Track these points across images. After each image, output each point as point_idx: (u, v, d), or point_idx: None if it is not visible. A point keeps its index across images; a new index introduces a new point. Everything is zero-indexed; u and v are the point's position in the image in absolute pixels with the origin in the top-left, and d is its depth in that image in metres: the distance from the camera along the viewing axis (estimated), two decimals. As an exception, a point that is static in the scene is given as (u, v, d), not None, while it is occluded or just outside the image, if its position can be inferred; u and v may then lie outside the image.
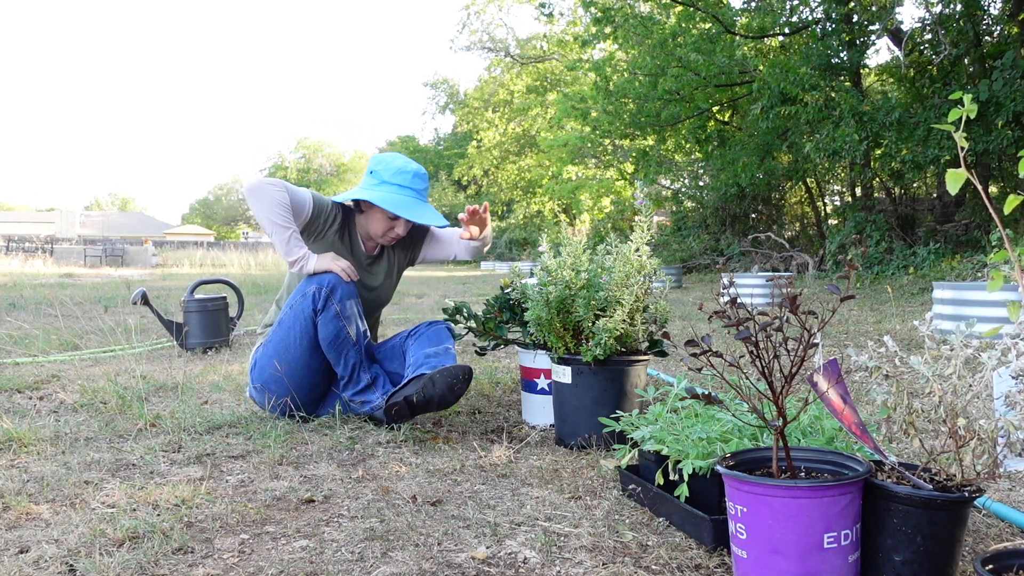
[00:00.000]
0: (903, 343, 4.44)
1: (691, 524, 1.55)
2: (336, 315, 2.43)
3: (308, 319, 2.45)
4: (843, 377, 1.31)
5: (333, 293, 2.43)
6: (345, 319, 2.45)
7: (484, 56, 34.57)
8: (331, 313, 2.43)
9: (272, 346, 2.50)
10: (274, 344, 2.49)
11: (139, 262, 24.37)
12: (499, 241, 29.80)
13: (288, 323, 2.48)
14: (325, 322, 2.44)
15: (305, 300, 2.44)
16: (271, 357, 2.48)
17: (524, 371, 2.58)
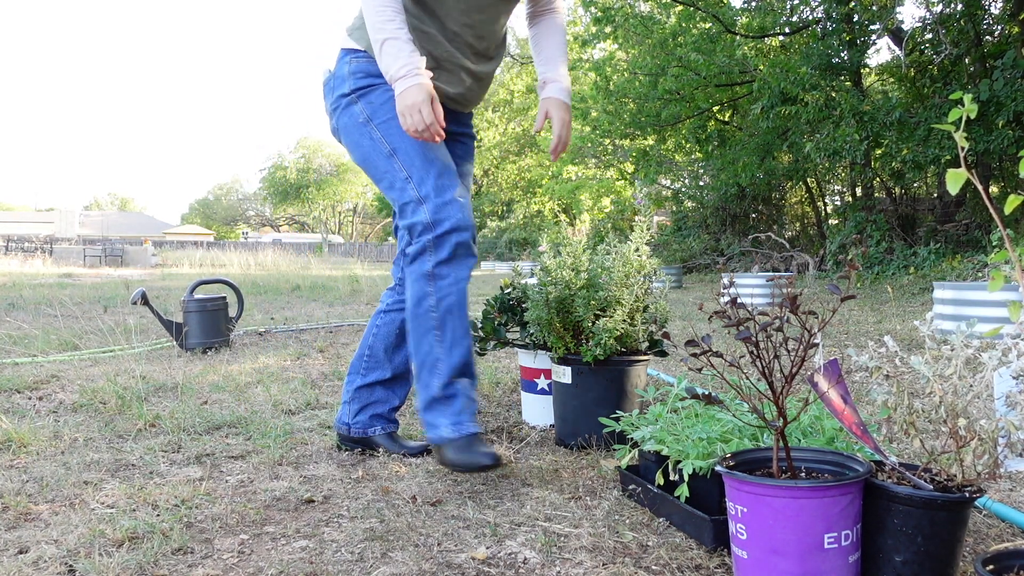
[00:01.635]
0: (904, 343, 4.44)
1: (691, 524, 1.55)
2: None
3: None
4: (843, 377, 1.30)
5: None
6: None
7: (484, 56, 34.56)
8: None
9: None
10: None
11: (139, 262, 24.37)
12: (499, 241, 29.80)
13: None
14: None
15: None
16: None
17: (524, 371, 2.58)
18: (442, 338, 1.88)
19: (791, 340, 1.30)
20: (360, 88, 1.95)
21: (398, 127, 1.88)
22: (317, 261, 19.51)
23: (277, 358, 4.07)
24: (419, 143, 1.88)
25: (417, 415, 2.08)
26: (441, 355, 1.88)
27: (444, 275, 1.87)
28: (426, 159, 1.88)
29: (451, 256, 1.87)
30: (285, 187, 52.11)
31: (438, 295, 1.87)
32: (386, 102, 1.92)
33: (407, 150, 1.89)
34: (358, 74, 1.96)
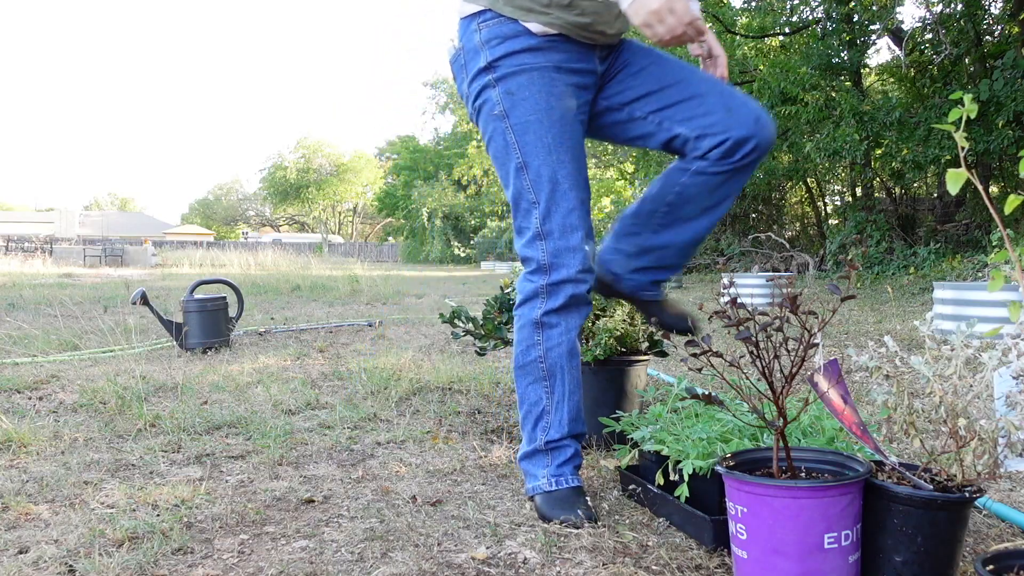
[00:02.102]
0: (904, 343, 4.44)
1: (691, 524, 1.55)
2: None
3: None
4: (843, 377, 1.30)
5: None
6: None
7: (484, 56, 34.58)
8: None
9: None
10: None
11: (138, 262, 24.37)
12: (499, 241, 29.79)
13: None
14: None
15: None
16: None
17: (524, 371, 2.58)
18: (551, 391, 1.72)
19: (791, 340, 1.30)
20: (498, 58, 1.63)
21: (535, 134, 1.63)
22: (317, 261, 19.51)
23: (277, 358, 4.07)
24: (555, 162, 1.63)
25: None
26: (550, 408, 1.72)
27: (554, 324, 1.70)
28: (557, 187, 1.63)
29: (564, 306, 1.69)
30: (285, 187, 52.11)
31: (547, 345, 1.71)
32: (528, 93, 1.63)
33: (539, 170, 1.64)
34: (492, 41, 1.64)
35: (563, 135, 1.64)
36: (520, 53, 1.62)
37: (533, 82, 1.63)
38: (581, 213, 1.66)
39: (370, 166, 51.77)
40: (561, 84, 1.64)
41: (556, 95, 1.64)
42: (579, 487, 1.70)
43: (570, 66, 1.65)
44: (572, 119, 1.66)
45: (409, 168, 38.64)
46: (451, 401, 2.91)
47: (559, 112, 1.64)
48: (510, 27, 1.62)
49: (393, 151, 43.92)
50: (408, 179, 37.83)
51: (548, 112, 1.63)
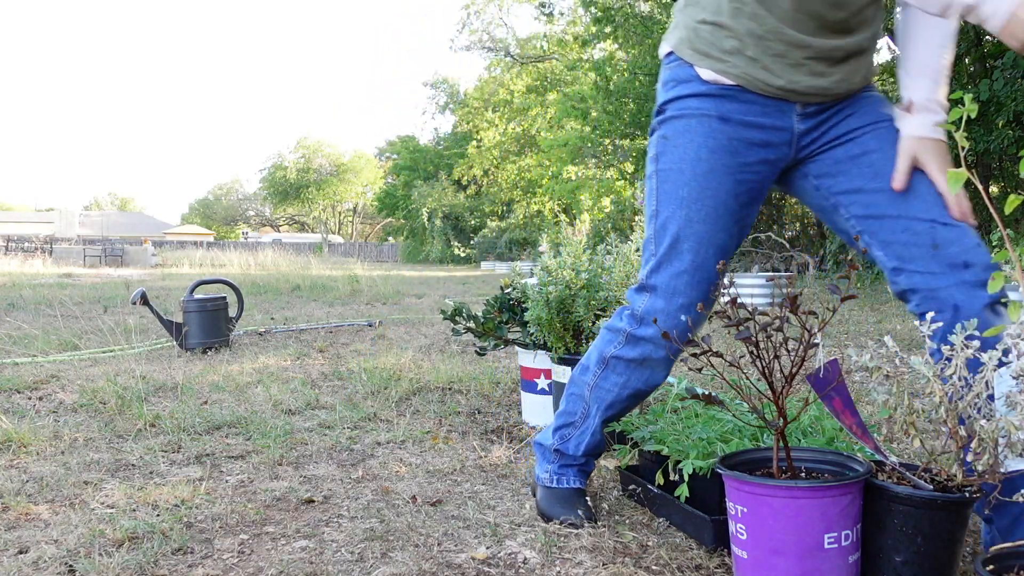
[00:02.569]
0: (904, 343, 4.44)
1: (691, 524, 1.55)
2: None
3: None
4: (843, 377, 1.30)
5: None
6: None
7: (484, 56, 34.59)
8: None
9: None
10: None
11: (138, 262, 24.36)
12: (499, 241, 29.80)
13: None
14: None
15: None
16: None
17: (524, 371, 2.58)
18: (585, 416, 1.69)
19: (791, 340, 1.30)
20: (668, 101, 1.57)
21: (673, 185, 1.53)
22: (317, 261, 19.51)
23: (277, 358, 4.07)
24: (684, 219, 1.52)
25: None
26: (578, 427, 1.70)
27: (618, 372, 1.63)
28: (677, 246, 1.52)
29: (634, 360, 1.61)
30: (285, 187, 52.10)
31: (599, 383, 1.66)
32: (680, 141, 1.53)
33: (666, 223, 1.53)
34: (669, 84, 1.59)
35: (704, 191, 1.50)
36: (686, 98, 1.52)
37: (689, 129, 1.51)
38: (691, 280, 1.53)
39: (370, 166, 51.75)
40: (724, 136, 1.48)
41: (710, 147, 1.49)
42: (580, 489, 1.71)
43: (745, 119, 1.48)
44: (724, 175, 1.49)
45: (409, 168, 38.62)
46: (451, 401, 2.91)
47: (707, 166, 1.49)
48: (686, 71, 1.54)
49: (393, 151, 43.91)
50: (408, 179, 37.83)
51: (694, 164, 1.50)
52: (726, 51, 1.46)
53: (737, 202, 1.52)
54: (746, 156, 1.49)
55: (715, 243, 1.52)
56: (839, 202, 1.50)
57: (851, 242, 1.52)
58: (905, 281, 1.42)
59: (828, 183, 1.51)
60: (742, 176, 1.50)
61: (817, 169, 1.52)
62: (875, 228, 1.45)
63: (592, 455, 1.73)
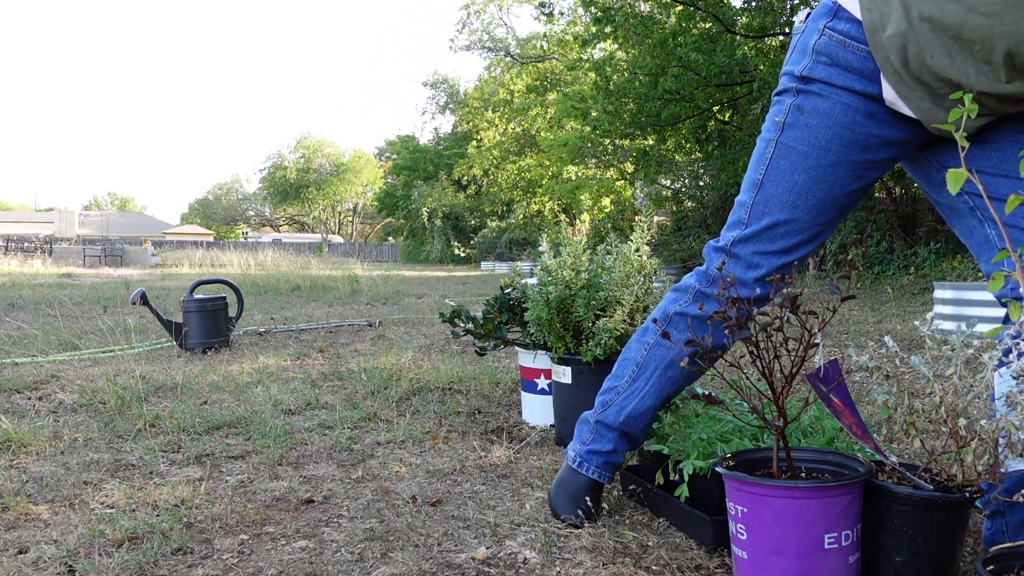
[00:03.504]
0: (904, 343, 4.44)
1: (691, 525, 1.55)
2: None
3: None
4: (844, 377, 1.30)
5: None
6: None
7: (484, 56, 34.60)
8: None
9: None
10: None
11: (138, 262, 24.36)
12: (499, 241, 29.79)
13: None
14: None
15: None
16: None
17: (524, 371, 2.58)
18: (634, 378, 1.63)
19: (791, 340, 1.30)
20: (814, 79, 1.39)
21: (791, 164, 1.43)
22: (317, 261, 19.51)
23: (277, 358, 4.07)
24: (790, 204, 1.45)
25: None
26: (623, 391, 1.65)
27: (680, 329, 1.59)
28: (775, 227, 1.47)
29: (698, 317, 1.57)
30: (285, 187, 52.09)
31: (656, 343, 1.60)
32: (815, 122, 1.40)
33: (767, 202, 1.47)
34: (822, 57, 1.37)
35: (821, 183, 1.42)
36: (839, 89, 1.37)
37: (831, 115, 1.38)
38: (776, 260, 1.50)
39: (370, 166, 51.75)
40: (862, 132, 1.37)
41: (844, 140, 1.38)
42: (595, 482, 1.66)
43: (894, 122, 1.36)
44: (848, 170, 1.41)
45: (409, 168, 38.62)
46: (451, 401, 2.91)
47: (835, 158, 1.40)
48: (856, 59, 1.34)
49: (393, 151, 43.91)
50: (408, 179, 37.83)
51: (821, 153, 1.40)
52: (922, 93, 1.28)
53: (851, 196, 1.45)
54: (877, 153, 1.39)
55: (814, 232, 1.48)
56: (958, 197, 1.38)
57: (949, 216, 1.43)
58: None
59: (944, 158, 1.40)
60: (866, 172, 1.42)
61: (944, 162, 1.41)
62: (997, 208, 1.31)
63: (628, 432, 1.64)
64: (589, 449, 1.67)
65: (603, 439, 1.66)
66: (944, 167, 1.40)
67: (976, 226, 1.38)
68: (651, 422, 1.66)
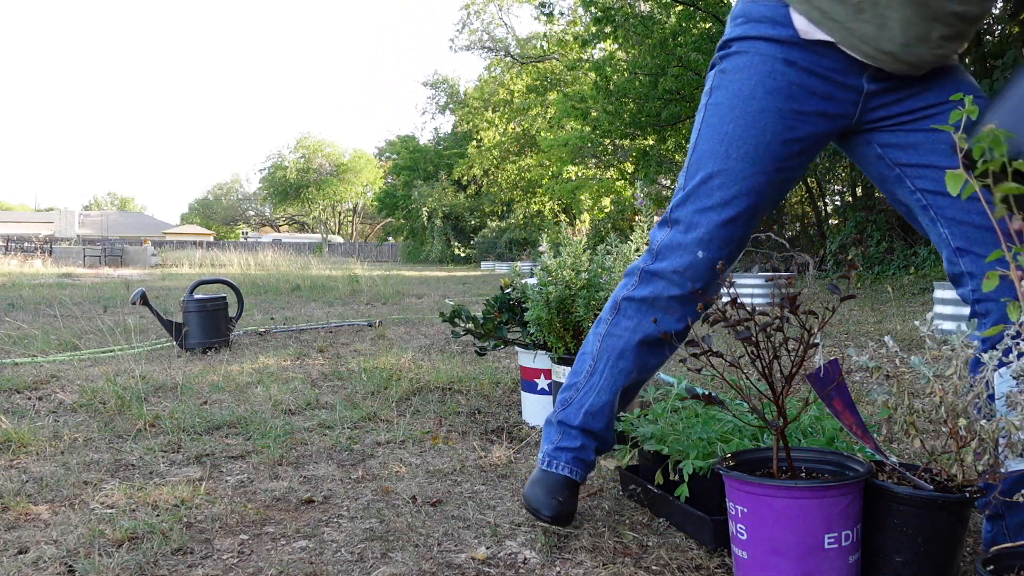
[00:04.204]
0: (904, 343, 4.44)
1: (691, 525, 1.55)
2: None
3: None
4: (844, 377, 1.30)
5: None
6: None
7: (484, 56, 34.59)
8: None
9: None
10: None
11: (138, 262, 24.36)
12: (499, 241, 29.79)
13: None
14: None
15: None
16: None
17: (524, 371, 2.58)
18: (591, 372, 1.60)
19: (791, 340, 1.30)
20: (731, 40, 1.46)
21: (719, 119, 1.45)
22: (317, 261, 19.51)
23: (277, 358, 4.07)
24: (721, 155, 1.45)
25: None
26: (581, 387, 1.62)
27: (628, 315, 1.56)
28: (708, 182, 1.46)
29: (645, 299, 1.54)
30: (285, 187, 52.09)
31: (609, 330, 1.58)
32: (737, 76, 1.43)
33: (702, 157, 1.47)
34: (738, 19, 1.46)
35: (749, 129, 1.42)
36: (755, 40, 1.41)
37: (750, 66, 1.41)
38: (716, 217, 1.46)
39: (370, 166, 51.75)
40: (784, 80, 1.39)
41: (767, 88, 1.40)
42: (569, 479, 1.59)
43: (812, 67, 1.38)
44: (776, 118, 1.41)
45: (409, 168, 38.63)
46: (451, 401, 2.91)
47: (760, 105, 1.40)
48: (766, 8, 1.40)
49: (393, 151, 43.91)
50: (408, 179, 37.83)
51: (746, 101, 1.41)
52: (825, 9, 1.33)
53: (784, 148, 1.42)
54: (804, 104, 1.40)
55: (749, 184, 1.44)
56: (905, 174, 1.43)
57: (907, 214, 1.48)
58: (968, 264, 1.36)
59: (895, 154, 1.43)
60: (795, 123, 1.41)
61: (885, 139, 1.43)
62: (943, 204, 1.38)
63: (590, 430, 1.59)
64: (557, 447, 1.61)
65: (569, 437, 1.61)
66: (897, 164, 1.43)
67: (930, 225, 1.42)
68: (612, 419, 1.61)
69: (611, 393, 1.59)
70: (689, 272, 1.49)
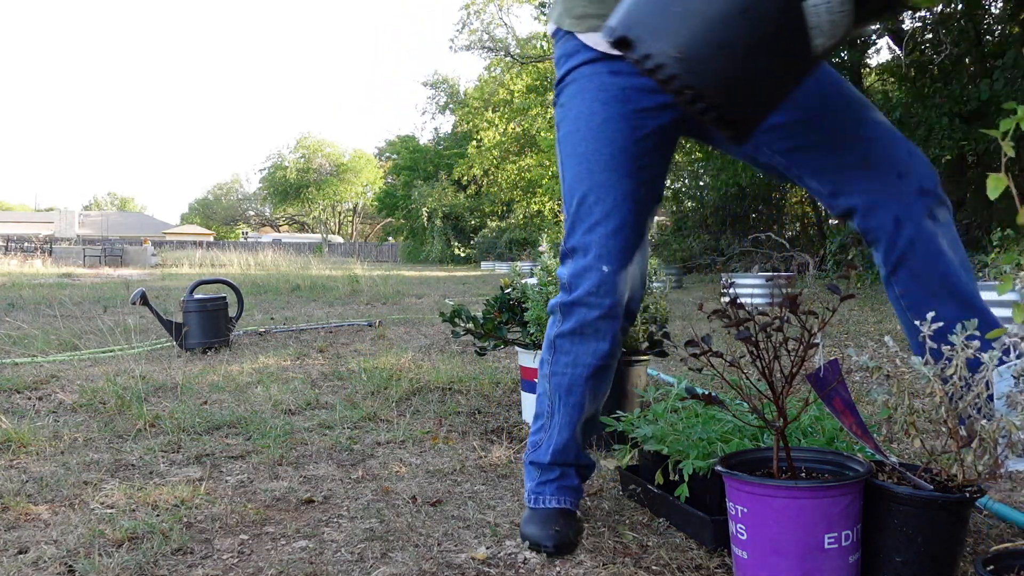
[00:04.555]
0: (904, 343, 4.43)
1: (691, 525, 1.55)
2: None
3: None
4: (844, 377, 1.30)
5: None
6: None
7: (484, 56, 34.57)
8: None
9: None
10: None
11: (138, 262, 24.36)
12: (499, 241, 29.78)
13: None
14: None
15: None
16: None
17: (524, 371, 2.58)
18: (552, 414, 1.62)
19: (791, 340, 1.30)
20: (561, 77, 1.58)
21: (572, 144, 1.54)
22: (317, 261, 19.51)
23: (277, 358, 4.07)
24: (585, 173, 1.51)
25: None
26: (548, 427, 1.63)
27: (565, 351, 1.58)
28: (583, 202, 1.52)
29: (573, 331, 1.56)
30: (285, 187, 52.07)
31: (552, 369, 1.60)
32: (574, 102, 1.53)
33: (572, 184, 1.54)
34: (560, 60, 1.58)
35: (600, 141, 1.49)
36: (578, 67, 1.53)
37: (581, 89, 1.52)
38: (605, 231, 1.49)
39: (370, 166, 51.74)
40: (615, 88, 1.48)
41: (603, 100, 1.48)
42: (560, 509, 1.56)
43: (636, 70, 1.37)
44: (620, 121, 1.48)
45: (409, 168, 38.62)
46: (451, 401, 2.91)
47: (601, 116, 1.48)
48: (572, 44, 1.54)
49: (393, 151, 43.90)
50: (408, 179, 37.82)
51: (588, 118, 1.50)
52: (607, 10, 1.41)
53: (638, 146, 1.48)
54: (640, 102, 1.48)
55: (621, 190, 1.49)
56: (759, 141, 1.51)
57: (776, 175, 1.58)
58: (845, 202, 1.46)
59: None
60: (639, 121, 1.48)
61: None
62: (802, 159, 1.48)
63: (564, 462, 1.60)
64: (538, 483, 1.61)
65: (547, 472, 1.61)
66: (774, 151, 1.53)
67: (799, 180, 1.54)
68: (580, 450, 1.63)
69: (571, 429, 1.60)
70: (603, 289, 1.52)
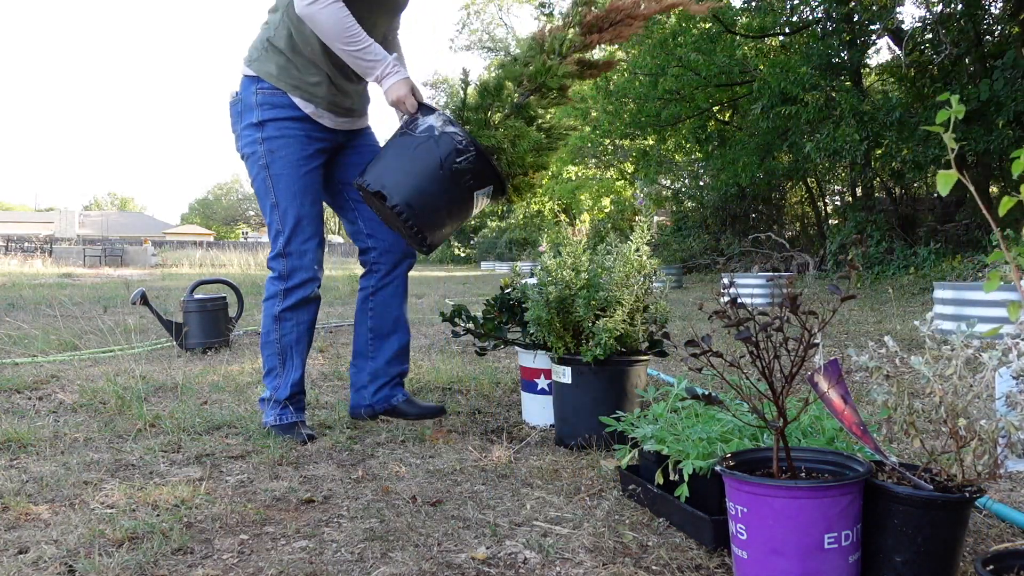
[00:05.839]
0: (904, 343, 4.44)
1: (691, 524, 1.55)
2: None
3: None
4: (844, 377, 1.30)
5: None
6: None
7: (484, 56, 34.55)
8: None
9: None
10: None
11: (138, 262, 24.36)
12: (499, 241, 29.77)
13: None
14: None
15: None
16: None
17: (524, 371, 2.58)
18: (283, 363, 2.35)
19: (791, 340, 1.30)
20: (267, 120, 2.23)
21: (287, 183, 2.26)
22: (317, 261, 19.48)
23: (277, 358, 4.06)
24: (299, 205, 2.27)
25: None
26: (281, 374, 2.35)
27: (287, 319, 2.33)
28: (299, 224, 2.28)
29: (294, 306, 2.32)
30: (285, 187, 51.98)
31: (281, 332, 2.34)
32: (285, 152, 2.24)
33: (286, 210, 2.27)
34: (265, 106, 2.23)
35: (308, 186, 2.29)
36: (284, 121, 2.24)
37: (290, 145, 2.25)
38: (312, 241, 2.32)
39: (370, 166, 51.56)
40: (311, 148, 2.28)
41: (306, 157, 2.27)
42: (300, 420, 2.37)
43: (317, 134, 2.29)
44: (315, 172, 2.31)
45: (409, 168, 38.50)
46: (451, 401, 2.91)
47: (305, 168, 2.27)
48: (281, 99, 2.24)
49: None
50: (408, 179, 37.71)
51: (297, 168, 2.26)
52: (312, 84, 2.24)
53: (323, 186, 2.39)
54: (320, 158, 2.33)
55: (319, 214, 2.35)
56: (341, 190, 2.45)
57: (335, 209, 2.51)
58: (373, 243, 2.44)
59: (339, 175, 2.44)
60: (323, 170, 2.36)
61: (336, 171, 2.43)
62: (363, 208, 2.43)
63: (299, 391, 2.38)
64: (281, 409, 2.36)
65: (289, 401, 2.36)
66: (340, 181, 2.47)
67: (352, 219, 2.47)
68: (304, 376, 2.41)
69: (302, 367, 2.39)
70: (316, 276, 2.35)
